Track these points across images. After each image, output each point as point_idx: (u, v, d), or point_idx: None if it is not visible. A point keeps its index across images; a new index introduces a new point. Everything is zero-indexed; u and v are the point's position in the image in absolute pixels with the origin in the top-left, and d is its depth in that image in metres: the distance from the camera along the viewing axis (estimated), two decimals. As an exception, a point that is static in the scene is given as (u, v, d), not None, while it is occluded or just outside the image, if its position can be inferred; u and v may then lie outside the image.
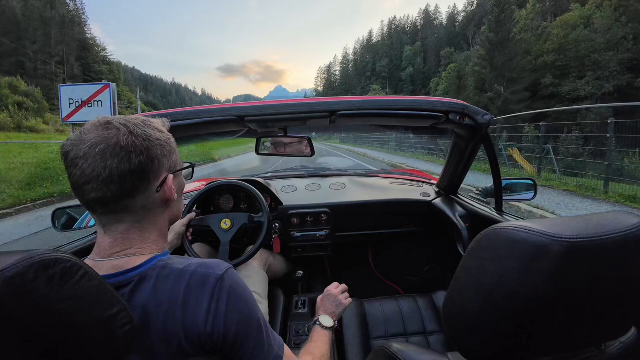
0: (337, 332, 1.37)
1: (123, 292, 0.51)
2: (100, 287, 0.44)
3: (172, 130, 0.63)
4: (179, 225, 1.21)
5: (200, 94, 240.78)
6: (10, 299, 0.36)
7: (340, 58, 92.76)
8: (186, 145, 1.87)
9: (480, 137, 1.17)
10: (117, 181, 0.50)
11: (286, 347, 0.64)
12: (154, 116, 0.63)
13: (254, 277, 1.30)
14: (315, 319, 0.93)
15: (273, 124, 1.16)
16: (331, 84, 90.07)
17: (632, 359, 0.50)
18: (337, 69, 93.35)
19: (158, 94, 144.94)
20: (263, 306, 1.24)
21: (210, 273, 0.56)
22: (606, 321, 0.44)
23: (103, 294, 0.44)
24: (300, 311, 1.48)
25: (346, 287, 1.09)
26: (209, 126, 1.08)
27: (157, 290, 0.53)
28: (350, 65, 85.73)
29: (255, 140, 1.33)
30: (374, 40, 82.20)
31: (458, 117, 1.05)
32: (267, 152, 1.32)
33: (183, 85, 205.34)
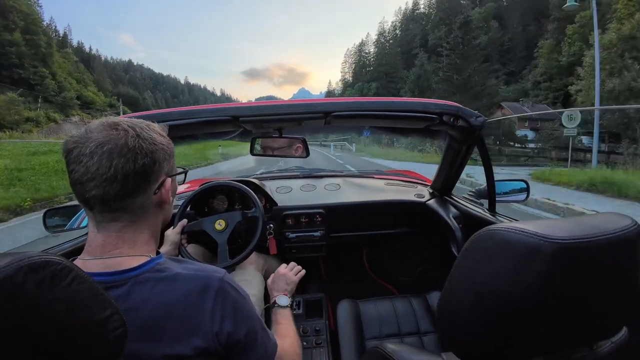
0: (332, 333, 1.37)
1: (118, 293, 0.51)
2: (91, 290, 0.43)
3: None
4: (173, 234, 1.19)
5: (219, 94, 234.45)
6: None
7: (374, 37, 72.69)
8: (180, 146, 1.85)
9: (473, 139, 1.18)
10: (121, 180, 0.52)
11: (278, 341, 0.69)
12: (147, 117, 0.63)
13: (250, 280, 1.30)
14: (272, 301, 0.96)
15: (268, 124, 1.16)
16: (364, 67, 70.80)
17: (624, 358, 0.50)
18: (370, 49, 72.59)
19: (168, 93, 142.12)
20: (260, 308, 1.23)
21: (211, 276, 0.58)
22: (598, 321, 0.45)
23: (94, 297, 0.43)
24: (294, 312, 1.48)
25: (295, 264, 1.12)
26: (203, 126, 1.07)
27: (155, 292, 0.53)
28: (388, 43, 65.92)
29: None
30: (422, 9, 63.99)
31: (451, 119, 1.06)
32: (261, 153, 1.32)
33: (202, 85, 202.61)
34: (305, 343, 1.35)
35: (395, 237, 1.80)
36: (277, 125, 1.19)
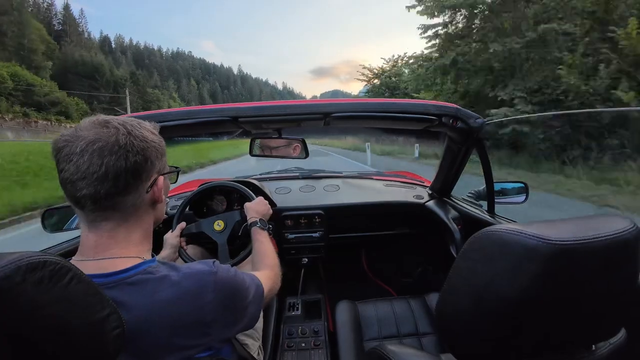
0: (330, 334, 1.36)
1: (111, 295, 0.50)
2: (89, 290, 0.43)
3: (164, 130, 0.65)
4: (172, 237, 1.18)
5: (280, 88, 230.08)
6: None
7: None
8: (178, 146, 1.85)
9: (472, 140, 1.18)
10: (112, 178, 0.51)
11: (257, 276, 0.73)
12: (146, 117, 0.63)
13: None
14: (252, 220, 1.07)
15: (267, 125, 1.16)
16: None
17: None
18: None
19: (217, 83, 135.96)
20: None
21: (204, 270, 0.58)
22: (596, 323, 0.45)
23: (92, 296, 0.43)
24: (293, 313, 1.48)
25: (265, 201, 1.23)
26: (203, 127, 1.07)
27: (146, 294, 0.53)
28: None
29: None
30: None
31: (450, 121, 1.06)
32: (260, 154, 1.32)
33: (263, 79, 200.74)
34: (303, 344, 1.34)
35: (394, 239, 1.80)
36: (276, 126, 1.19)
